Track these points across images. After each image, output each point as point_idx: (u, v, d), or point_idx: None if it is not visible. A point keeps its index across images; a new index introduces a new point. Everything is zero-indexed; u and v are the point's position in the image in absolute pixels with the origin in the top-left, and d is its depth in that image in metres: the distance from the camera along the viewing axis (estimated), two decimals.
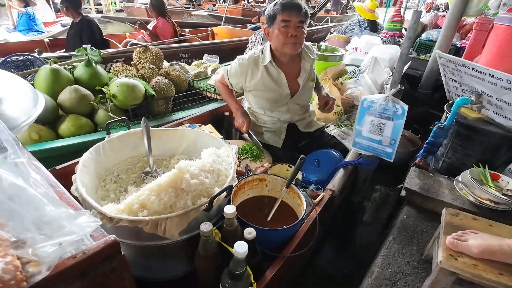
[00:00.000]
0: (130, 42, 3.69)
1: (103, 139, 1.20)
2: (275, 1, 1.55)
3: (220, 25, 5.90)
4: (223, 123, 2.16)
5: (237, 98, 1.93)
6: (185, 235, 0.92)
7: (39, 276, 0.42)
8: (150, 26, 4.01)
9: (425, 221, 1.50)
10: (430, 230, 1.45)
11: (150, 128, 1.23)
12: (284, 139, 1.87)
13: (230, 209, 0.86)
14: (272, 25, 1.57)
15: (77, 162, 1.02)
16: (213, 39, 5.32)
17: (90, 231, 0.48)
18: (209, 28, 5.55)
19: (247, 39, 3.95)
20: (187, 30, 5.11)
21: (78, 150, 1.37)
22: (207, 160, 1.05)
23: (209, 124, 1.93)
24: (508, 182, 1.46)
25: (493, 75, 1.45)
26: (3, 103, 0.57)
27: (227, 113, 2.15)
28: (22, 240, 0.43)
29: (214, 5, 11.58)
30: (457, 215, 1.19)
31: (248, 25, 5.94)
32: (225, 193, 0.92)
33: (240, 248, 0.73)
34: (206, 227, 0.81)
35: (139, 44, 3.34)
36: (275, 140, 1.87)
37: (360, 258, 1.76)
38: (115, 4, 12.32)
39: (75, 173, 0.96)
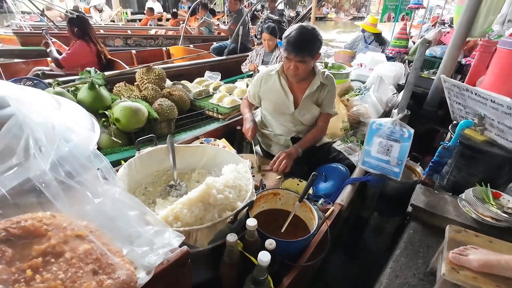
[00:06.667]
0: (35, 73, 3.10)
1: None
2: (290, 28, 1.64)
3: (178, 44, 5.37)
4: (235, 137, 2.27)
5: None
6: (210, 244, 1.02)
7: (144, 279, 0.54)
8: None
9: (431, 236, 1.57)
10: (435, 245, 1.51)
11: (175, 145, 1.35)
12: None
13: (252, 222, 0.96)
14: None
15: None
16: (169, 59, 4.53)
17: (178, 243, 0.61)
18: (164, 49, 4.98)
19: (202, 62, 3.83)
20: (133, 51, 4.53)
21: None
22: (229, 176, 1.15)
23: (223, 139, 2.04)
24: (509, 200, 1.52)
25: (494, 100, 1.53)
26: (75, 131, 0.65)
27: (239, 127, 2.27)
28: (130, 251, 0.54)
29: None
30: (460, 232, 1.27)
31: (214, 43, 5.34)
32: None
33: (264, 257, 0.83)
34: (232, 238, 0.91)
35: (53, 73, 3.01)
36: None
37: (368, 270, 1.83)
38: (126, 14, 12.38)
39: None
